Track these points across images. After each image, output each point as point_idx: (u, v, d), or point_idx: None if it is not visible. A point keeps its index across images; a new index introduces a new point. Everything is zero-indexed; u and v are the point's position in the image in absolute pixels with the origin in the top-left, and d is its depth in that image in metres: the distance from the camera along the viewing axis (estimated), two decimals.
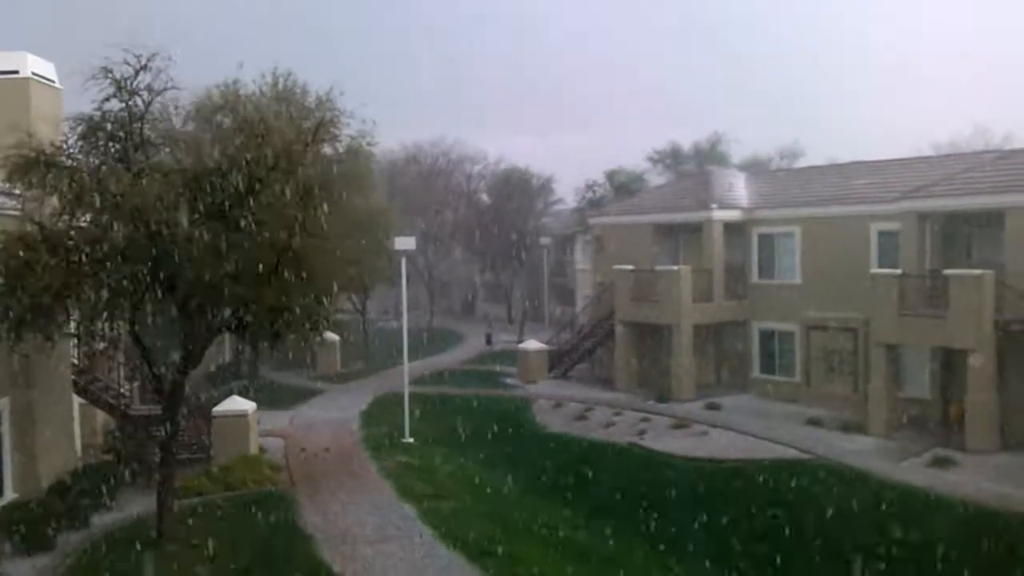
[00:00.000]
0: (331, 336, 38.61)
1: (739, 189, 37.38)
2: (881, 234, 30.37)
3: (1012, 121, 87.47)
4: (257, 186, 16.89)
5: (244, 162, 16.70)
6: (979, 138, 55.63)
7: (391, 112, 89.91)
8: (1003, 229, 26.14)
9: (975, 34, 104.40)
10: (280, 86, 30.17)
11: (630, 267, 35.54)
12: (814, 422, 28.62)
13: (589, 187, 56.53)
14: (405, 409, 27.85)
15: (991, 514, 19.85)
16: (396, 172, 57.84)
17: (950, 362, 27.55)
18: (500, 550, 17.15)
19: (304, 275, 17.64)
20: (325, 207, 17.87)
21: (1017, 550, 17.77)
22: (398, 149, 60.69)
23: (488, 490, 22.74)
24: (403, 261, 28.14)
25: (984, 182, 27.29)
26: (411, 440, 27.09)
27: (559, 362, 39.38)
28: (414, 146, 62.84)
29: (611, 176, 55.88)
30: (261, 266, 16.92)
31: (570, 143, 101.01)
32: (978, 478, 22.39)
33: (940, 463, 23.66)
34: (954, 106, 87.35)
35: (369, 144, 28.82)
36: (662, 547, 18.83)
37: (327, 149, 23.15)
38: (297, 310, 17.64)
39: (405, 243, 27.41)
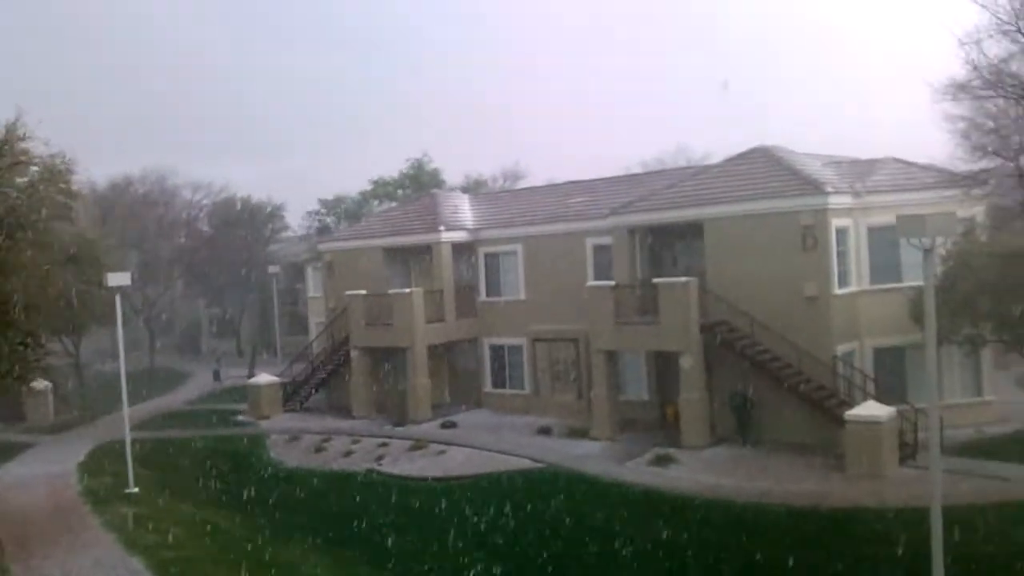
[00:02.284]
0: (41, 384, 35.73)
1: (464, 211, 38.34)
2: (596, 248, 32.12)
3: (711, 139, 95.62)
4: None
5: None
6: (682, 156, 60.23)
7: (104, 143, 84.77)
8: (702, 239, 28.42)
9: (677, 58, 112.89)
10: None
11: (363, 292, 35.47)
12: (544, 431, 29.78)
13: (316, 213, 55.93)
14: (128, 457, 26.23)
15: (704, 503, 21.51)
16: (106, 203, 54.21)
17: (664, 365, 29.53)
18: None
19: (5, 320, 16.19)
20: (22, 242, 16.48)
21: (724, 531, 19.43)
22: (105, 181, 56.79)
23: (223, 535, 21.84)
24: (118, 298, 26.48)
25: (684, 196, 29.55)
26: (136, 490, 25.52)
27: (294, 394, 38.48)
28: (124, 177, 59.18)
29: (335, 202, 55.52)
30: None
31: (299, 171, 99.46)
32: (693, 472, 24.18)
33: (660, 461, 25.28)
34: (660, 126, 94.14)
35: (68, 171, 26.00)
36: (402, 572, 18.88)
37: (19, 179, 21.30)
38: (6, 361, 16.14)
39: (119, 279, 25.78)
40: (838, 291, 26.58)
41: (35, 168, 21.67)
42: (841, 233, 26.97)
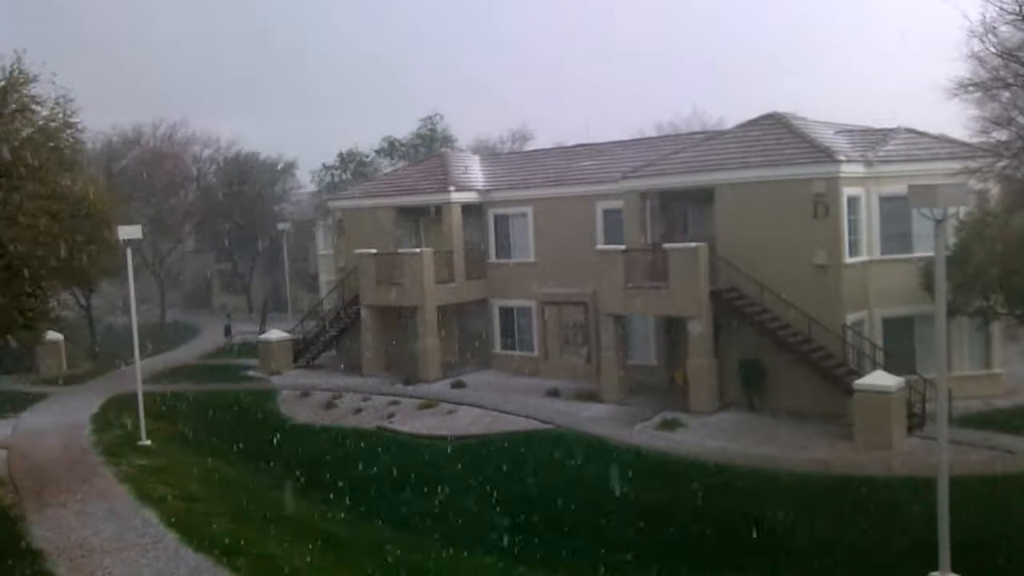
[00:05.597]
0: (54, 335, 35.99)
1: (474, 171, 38.31)
2: (606, 212, 32.14)
3: (726, 104, 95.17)
4: None
5: None
6: (697, 120, 59.94)
7: (105, 94, 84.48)
8: (713, 205, 28.41)
9: (695, 24, 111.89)
10: None
11: (373, 251, 35.56)
12: (552, 393, 29.99)
13: (327, 169, 55.71)
14: (140, 410, 26.49)
15: (711, 467, 21.76)
16: (115, 156, 54.00)
17: (673, 330, 29.66)
18: (250, 548, 16.76)
19: (13, 270, 16.23)
20: (27, 190, 16.38)
21: (730, 493, 19.71)
22: (113, 131, 56.42)
23: (234, 488, 22.10)
24: (128, 252, 26.53)
25: (695, 161, 29.49)
26: (149, 442, 25.79)
27: (305, 351, 38.79)
28: (134, 129, 58.81)
29: (346, 158, 55.22)
30: None
31: (310, 126, 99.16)
32: (700, 436, 24.38)
33: (668, 425, 25.50)
34: (676, 90, 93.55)
35: (69, 116, 25.12)
36: (411, 528, 19.15)
37: (21, 124, 21.11)
38: (11, 311, 16.21)
39: (130, 232, 25.76)
40: (848, 260, 26.58)
41: (40, 110, 21.53)
42: (852, 202, 26.91)
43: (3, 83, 20.50)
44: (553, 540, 18.28)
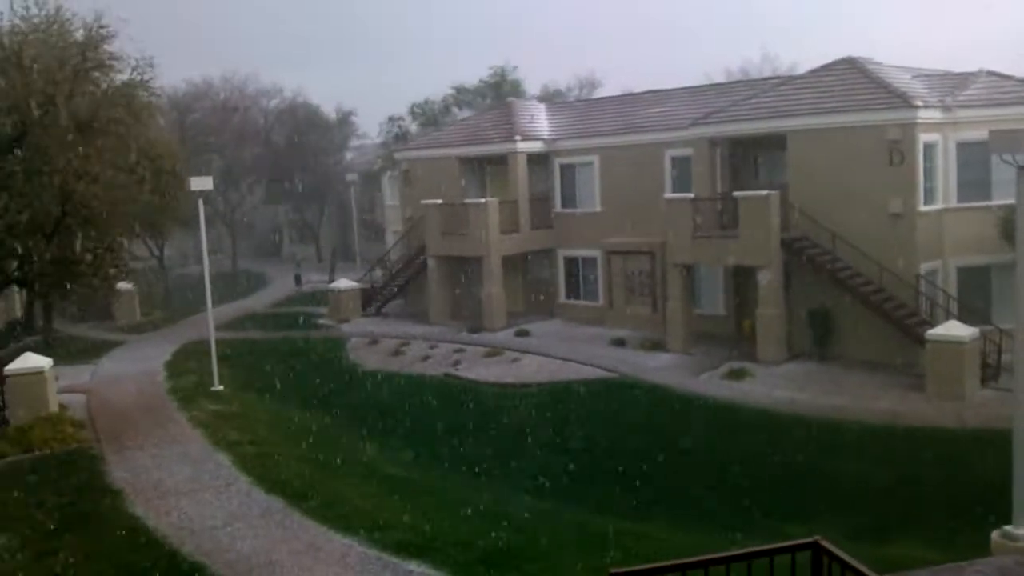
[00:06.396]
0: (125, 285, 36.87)
1: (540, 120, 38.01)
2: (675, 160, 31.64)
3: (798, 50, 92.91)
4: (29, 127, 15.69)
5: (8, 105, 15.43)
6: (767, 66, 58.46)
7: (174, 47, 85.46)
8: (785, 152, 27.80)
9: None
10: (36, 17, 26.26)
11: (439, 201, 35.60)
12: (618, 342, 29.89)
13: (394, 120, 55.78)
14: (212, 356, 27.06)
15: (780, 416, 21.55)
16: (186, 110, 54.74)
17: (741, 279, 29.24)
18: (320, 491, 17.09)
19: (90, 223, 16.60)
20: (103, 145, 16.73)
21: (797, 445, 19.47)
22: (185, 85, 57.14)
23: (305, 433, 22.53)
24: (200, 202, 26.98)
25: (767, 107, 28.84)
26: (221, 388, 26.38)
27: (372, 299, 39.25)
28: (204, 82, 59.51)
29: (422, 108, 55.15)
30: (44, 216, 15.81)
31: (372, 77, 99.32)
32: (768, 386, 24.12)
33: (735, 375, 25.26)
34: (745, 35, 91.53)
35: (147, 78, 25.24)
36: (477, 472, 19.34)
37: (100, 80, 21.45)
38: (86, 260, 16.64)
39: (201, 183, 26.19)
40: (923, 208, 25.87)
41: (119, 65, 21.86)
42: (929, 148, 26.12)
43: (82, 39, 20.86)
44: (618, 488, 18.32)
